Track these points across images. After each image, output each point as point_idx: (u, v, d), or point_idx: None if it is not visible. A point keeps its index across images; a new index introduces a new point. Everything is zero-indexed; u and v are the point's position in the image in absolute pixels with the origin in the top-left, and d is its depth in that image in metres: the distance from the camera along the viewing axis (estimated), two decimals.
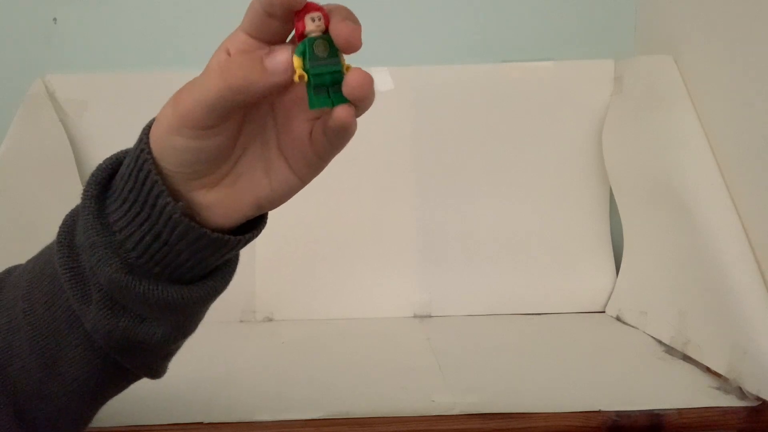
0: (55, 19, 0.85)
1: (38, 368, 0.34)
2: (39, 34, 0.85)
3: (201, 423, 0.50)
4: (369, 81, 0.29)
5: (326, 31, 0.29)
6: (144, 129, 0.32)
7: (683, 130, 0.66)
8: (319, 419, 0.50)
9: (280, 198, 0.33)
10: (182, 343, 0.37)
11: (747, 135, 0.60)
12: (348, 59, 0.30)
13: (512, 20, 0.86)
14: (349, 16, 0.29)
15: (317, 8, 0.29)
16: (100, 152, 0.81)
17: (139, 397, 0.38)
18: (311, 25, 0.29)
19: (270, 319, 0.80)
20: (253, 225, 0.34)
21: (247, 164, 0.33)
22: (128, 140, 0.32)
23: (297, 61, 0.29)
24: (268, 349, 0.68)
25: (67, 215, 0.35)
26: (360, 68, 0.29)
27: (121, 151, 0.34)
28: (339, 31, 0.28)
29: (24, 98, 0.77)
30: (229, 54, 0.31)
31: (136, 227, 0.31)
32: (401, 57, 0.85)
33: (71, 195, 0.77)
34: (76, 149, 0.80)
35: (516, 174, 0.82)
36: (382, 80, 0.81)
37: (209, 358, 0.64)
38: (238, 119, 0.31)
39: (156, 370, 0.37)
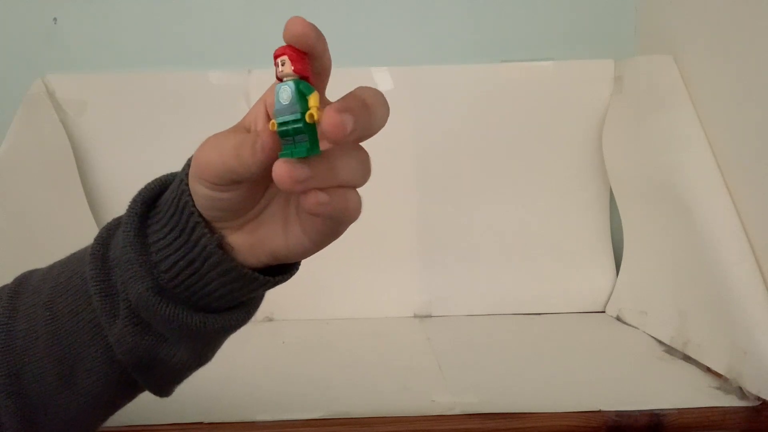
0: (55, 19, 0.85)
1: (54, 377, 0.34)
2: (39, 34, 0.85)
3: (201, 423, 0.50)
4: (340, 123, 0.25)
5: (304, 75, 0.26)
6: (189, 159, 0.32)
7: (683, 130, 0.66)
8: (319, 419, 0.50)
9: (294, 255, 0.33)
10: (196, 370, 0.37)
11: (747, 135, 0.59)
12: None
13: (512, 20, 0.86)
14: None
15: (288, 51, 0.26)
16: (100, 152, 0.82)
17: (140, 397, 0.38)
18: (278, 70, 0.26)
19: (270, 319, 0.80)
20: (286, 268, 0.34)
21: (270, 215, 0.33)
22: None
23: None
24: (268, 349, 0.68)
25: (102, 228, 0.35)
26: (331, 109, 0.26)
27: (170, 174, 0.34)
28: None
29: (24, 98, 0.77)
30: (265, 106, 0.31)
31: (173, 251, 0.32)
32: (401, 57, 0.85)
33: (71, 195, 0.78)
34: (76, 149, 0.80)
35: (516, 174, 0.82)
36: (382, 80, 0.81)
37: None
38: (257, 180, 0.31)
39: (165, 391, 0.38)
